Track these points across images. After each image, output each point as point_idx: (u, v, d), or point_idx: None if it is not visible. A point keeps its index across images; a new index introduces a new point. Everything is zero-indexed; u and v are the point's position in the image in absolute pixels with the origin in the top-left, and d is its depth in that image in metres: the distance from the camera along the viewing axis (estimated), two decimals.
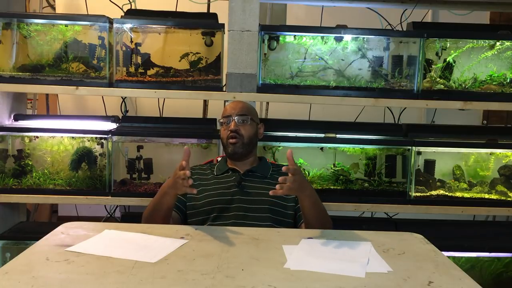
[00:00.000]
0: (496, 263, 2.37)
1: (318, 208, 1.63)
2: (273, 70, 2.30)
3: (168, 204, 1.62)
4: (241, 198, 1.75)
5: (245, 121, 1.84)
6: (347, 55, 2.30)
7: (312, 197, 1.61)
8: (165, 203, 1.62)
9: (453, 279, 1.17)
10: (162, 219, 1.65)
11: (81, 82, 2.23)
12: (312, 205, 1.60)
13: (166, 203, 1.62)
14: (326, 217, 1.67)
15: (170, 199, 1.61)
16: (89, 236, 1.40)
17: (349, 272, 1.17)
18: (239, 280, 1.10)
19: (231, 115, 1.84)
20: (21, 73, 2.26)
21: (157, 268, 1.17)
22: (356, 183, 2.35)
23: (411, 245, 1.42)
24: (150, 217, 1.68)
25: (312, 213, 1.62)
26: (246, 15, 2.18)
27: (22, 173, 2.30)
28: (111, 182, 2.27)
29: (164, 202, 1.62)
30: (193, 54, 2.30)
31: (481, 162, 2.42)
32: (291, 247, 1.34)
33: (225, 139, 1.84)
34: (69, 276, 1.11)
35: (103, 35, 2.25)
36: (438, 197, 2.32)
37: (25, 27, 2.28)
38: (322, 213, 1.65)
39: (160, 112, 3.01)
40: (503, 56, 2.33)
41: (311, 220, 1.63)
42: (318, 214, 1.63)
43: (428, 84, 2.30)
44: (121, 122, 2.43)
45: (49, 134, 2.28)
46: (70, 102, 3.53)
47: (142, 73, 2.29)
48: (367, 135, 2.36)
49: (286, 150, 2.31)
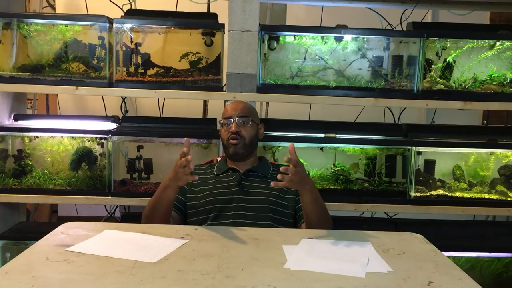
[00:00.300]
0: (496, 263, 2.37)
1: (318, 205, 1.63)
2: (273, 70, 2.30)
3: (169, 199, 1.62)
4: (241, 198, 1.75)
5: (246, 123, 1.84)
6: (347, 55, 2.30)
7: (313, 192, 1.61)
8: (165, 198, 1.62)
9: (453, 279, 1.17)
10: (163, 216, 1.65)
11: (81, 82, 2.23)
12: (313, 200, 1.60)
13: (167, 198, 1.62)
14: (326, 214, 1.67)
15: (172, 193, 1.61)
16: (89, 236, 1.40)
17: (349, 272, 1.17)
18: (239, 280, 1.11)
19: (231, 117, 1.84)
20: (21, 73, 2.26)
21: (157, 268, 1.17)
22: (356, 183, 2.35)
23: (411, 245, 1.42)
24: (150, 215, 1.67)
25: (313, 209, 1.61)
26: (246, 15, 2.18)
27: (22, 173, 2.30)
28: (111, 182, 2.27)
29: (165, 197, 1.62)
30: (193, 54, 2.30)
31: (481, 162, 2.42)
32: (291, 247, 1.34)
33: (226, 140, 1.84)
34: (69, 276, 1.11)
35: (103, 35, 2.25)
36: (438, 197, 2.32)
37: (25, 27, 2.28)
38: (322, 210, 1.65)
39: (160, 112, 3.01)
40: (503, 56, 2.33)
41: (311, 217, 1.63)
42: (318, 210, 1.63)
43: (428, 84, 2.30)
44: (121, 122, 2.43)
45: (49, 134, 2.28)
46: (70, 102, 3.53)
47: (142, 73, 2.29)
48: (367, 135, 2.36)
49: (286, 150, 2.33)
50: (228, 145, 1.83)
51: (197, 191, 1.81)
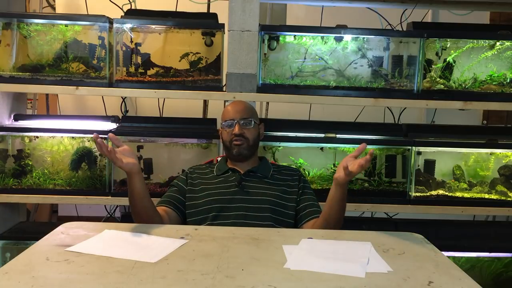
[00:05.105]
0: (496, 263, 2.37)
1: (344, 205, 1.65)
2: (273, 70, 2.30)
3: (136, 188, 1.59)
4: (242, 198, 1.75)
5: (249, 124, 1.84)
6: (347, 55, 2.30)
7: (345, 192, 1.63)
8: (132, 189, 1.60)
9: (453, 279, 1.17)
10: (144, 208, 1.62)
11: (81, 82, 2.23)
12: (342, 198, 1.62)
13: (133, 188, 1.59)
14: (343, 216, 1.68)
15: (131, 180, 1.58)
16: (89, 236, 1.39)
17: (349, 272, 1.17)
18: (239, 280, 1.10)
19: (234, 119, 1.83)
20: (21, 73, 2.26)
21: (157, 268, 1.17)
22: (356, 183, 2.35)
23: (411, 245, 1.42)
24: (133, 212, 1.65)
25: (338, 208, 1.63)
26: (246, 15, 2.18)
27: (22, 173, 2.30)
28: (111, 182, 2.27)
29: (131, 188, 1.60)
30: (193, 54, 2.30)
31: (481, 162, 2.42)
32: (291, 247, 1.34)
33: (229, 141, 1.83)
34: (69, 276, 1.11)
35: (103, 35, 2.25)
36: (438, 197, 2.32)
37: (25, 27, 2.28)
38: (344, 211, 1.67)
39: (160, 112, 3.01)
40: (503, 56, 2.33)
41: (333, 213, 1.64)
42: (342, 210, 1.65)
43: (428, 84, 2.30)
44: (121, 122, 2.43)
45: (49, 134, 2.28)
46: (70, 102, 3.53)
47: (142, 73, 2.29)
48: (367, 135, 2.36)
49: (286, 150, 2.34)
50: (231, 146, 1.83)
51: (197, 190, 1.80)
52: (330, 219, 1.64)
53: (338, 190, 1.61)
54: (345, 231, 1.53)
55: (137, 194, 1.61)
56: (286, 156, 2.35)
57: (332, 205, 1.63)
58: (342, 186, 1.60)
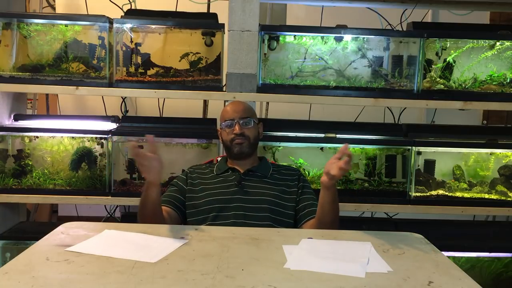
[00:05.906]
0: (496, 263, 2.37)
1: (336, 206, 1.65)
2: (273, 70, 2.30)
3: (152, 198, 1.59)
4: (241, 198, 1.75)
5: (249, 123, 1.85)
6: (347, 55, 2.30)
7: (335, 193, 1.63)
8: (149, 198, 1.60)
9: (453, 279, 1.17)
10: (153, 215, 1.63)
11: (81, 82, 2.23)
12: (333, 200, 1.62)
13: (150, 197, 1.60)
14: (337, 217, 1.68)
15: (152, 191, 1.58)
16: (89, 236, 1.39)
17: (349, 272, 1.17)
18: (239, 280, 1.10)
19: (234, 119, 1.84)
20: (21, 73, 2.26)
21: (157, 268, 1.17)
22: (356, 183, 2.35)
23: (411, 245, 1.42)
24: (142, 215, 1.66)
25: (330, 209, 1.63)
26: (246, 15, 2.18)
27: (22, 173, 2.30)
28: (111, 182, 2.27)
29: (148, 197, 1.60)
30: (193, 54, 2.30)
31: (481, 162, 2.42)
32: (291, 247, 1.34)
33: (229, 141, 1.84)
34: (69, 276, 1.11)
35: (103, 35, 2.25)
36: (438, 197, 2.32)
37: (25, 27, 2.28)
38: (337, 212, 1.67)
39: (160, 112, 3.01)
40: (503, 56, 2.33)
41: (326, 217, 1.64)
42: (335, 212, 1.65)
43: (428, 84, 2.30)
44: (121, 122, 2.44)
45: (49, 134, 2.28)
46: (70, 102, 3.53)
47: (142, 73, 2.29)
48: (367, 135, 2.36)
49: (286, 150, 2.34)
50: (232, 146, 1.83)
51: (197, 190, 1.80)
52: (324, 221, 1.65)
53: (326, 193, 1.61)
54: (345, 231, 1.53)
55: (151, 203, 1.61)
56: (286, 156, 2.35)
57: (324, 207, 1.64)
58: (330, 189, 1.60)
